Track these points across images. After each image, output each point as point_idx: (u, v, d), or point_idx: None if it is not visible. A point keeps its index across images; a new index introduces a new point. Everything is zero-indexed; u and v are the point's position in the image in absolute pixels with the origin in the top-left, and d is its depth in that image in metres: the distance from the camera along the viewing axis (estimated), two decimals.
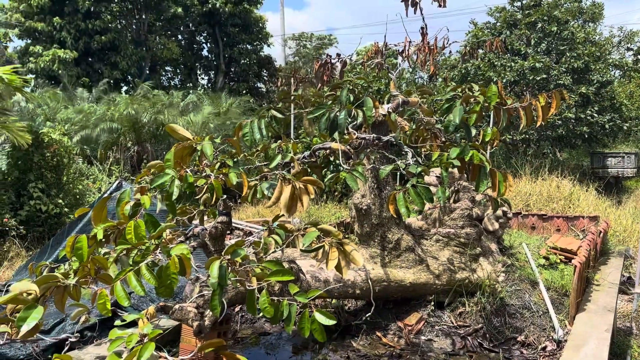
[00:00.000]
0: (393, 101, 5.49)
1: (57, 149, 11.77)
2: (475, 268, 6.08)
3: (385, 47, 5.51)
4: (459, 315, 5.91)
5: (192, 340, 4.41)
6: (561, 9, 21.97)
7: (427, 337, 5.71)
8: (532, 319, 5.75)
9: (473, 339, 5.58)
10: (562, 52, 20.93)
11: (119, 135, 16.64)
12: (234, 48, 30.11)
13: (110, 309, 3.13)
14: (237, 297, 4.58)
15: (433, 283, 5.87)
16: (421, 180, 4.12)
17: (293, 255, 5.46)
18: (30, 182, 11.43)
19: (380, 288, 5.65)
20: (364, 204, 5.67)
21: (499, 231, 6.74)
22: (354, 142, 5.27)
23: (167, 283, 3.23)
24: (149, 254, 3.40)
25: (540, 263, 6.75)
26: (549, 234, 8.61)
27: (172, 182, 3.84)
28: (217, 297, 3.33)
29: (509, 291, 6.03)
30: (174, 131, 4.24)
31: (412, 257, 5.83)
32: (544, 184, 15.28)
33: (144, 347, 2.86)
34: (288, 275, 3.40)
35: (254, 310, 3.35)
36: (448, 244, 6.05)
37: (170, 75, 32.18)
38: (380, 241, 5.78)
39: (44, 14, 21.95)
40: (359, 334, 5.73)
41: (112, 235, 3.92)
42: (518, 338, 5.53)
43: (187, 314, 4.04)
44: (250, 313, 3.55)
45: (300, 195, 4.04)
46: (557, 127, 21.07)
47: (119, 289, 3.12)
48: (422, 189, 4.04)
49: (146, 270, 3.23)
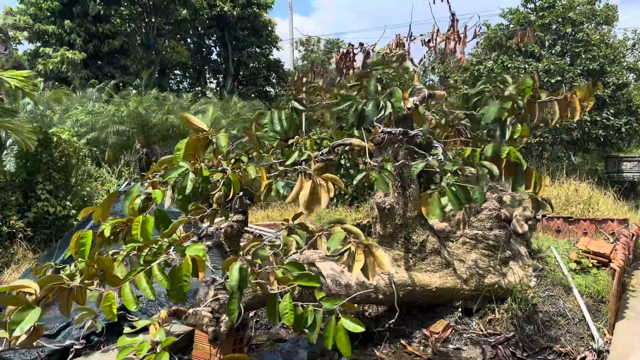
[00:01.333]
0: (418, 94, 5.16)
1: (65, 148, 11.54)
2: (506, 272, 5.72)
3: (410, 37, 5.19)
4: (488, 323, 5.54)
5: (206, 347, 4.09)
6: (575, 11, 21.59)
7: (455, 345, 5.34)
8: (567, 326, 5.37)
9: (505, 348, 5.21)
10: (577, 53, 20.50)
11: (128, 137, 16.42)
12: (242, 51, 29.95)
13: (116, 314, 2.81)
14: (254, 301, 4.25)
15: (460, 288, 5.51)
16: (458, 179, 3.77)
17: (312, 257, 5.13)
18: (38, 183, 11.22)
19: (404, 293, 5.30)
20: (387, 204, 5.33)
21: (528, 233, 6.38)
22: (377, 137, 4.95)
23: (179, 285, 2.92)
24: (162, 253, 3.09)
25: (571, 267, 6.36)
26: (576, 237, 8.22)
27: (186, 175, 3.53)
28: (235, 301, 3.01)
29: (541, 297, 5.65)
30: (189, 121, 3.95)
31: (438, 260, 5.48)
32: (562, 187, 14.90)
33: (157, 357, 2.54)
34: (314, 281, 3.08)
35: (275, 317, 3.02)
36: (476, 246, 5.70)
37: (179, 78, 32.07)
38: (404, 243, 5.44)
39: (54, 17, 21.88)
40: (381, 342, 5.38)
41: (121, 233, 3.62)
42: (554, 347, 5.15)
43: (202, 319, 3.71)
44: (271, 320, 3.22)
45: (320, 192, 3.71)
46: (572, 130, 20.68)
47: (127, 292, 2.81)
48: (460, 189, 3.69)
49: (159, 271, 2.91)
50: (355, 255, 3.54)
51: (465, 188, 3.74)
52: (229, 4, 27.40)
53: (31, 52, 22.30)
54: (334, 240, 3.52)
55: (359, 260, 3.52)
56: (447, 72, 23.11)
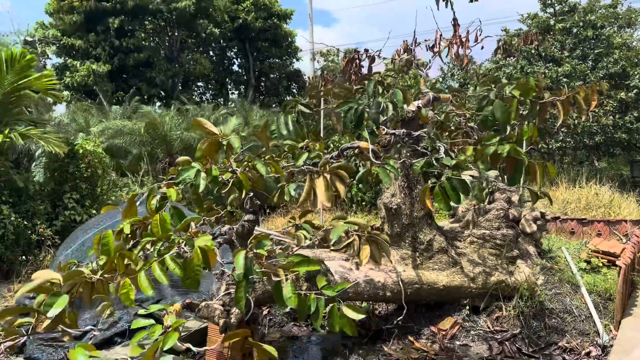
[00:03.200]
0: (423, 98, 5.36)
1: (91, 160, 12.00)
2: (513, 271, 5.83)
3: (415, 43, 5.39)
4: (495, 320, 5.65)
5: (218, 341, 4.32)
6: (596, 13, 21.45)
7: (462, 342, 5.47)
8: (574, 323, 5.45)
9: (511, 344, 5.32)
10: (599, 57, 20.33)
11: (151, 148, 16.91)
12: (264, 62, 30.47)
13: (133, 300, 3.06)
14: (264, 296, 4.48)
15: (468, 286, 5.65)
16: (456, 173, 3.94)
17: (321, 256, 5.34)
18: (66, 193, 11.65)
19: (411, 291, 5.46)
20: (393, 203, 5.52)
21: (537, 233, 6.46)
22: (383, 139, 5.15)
23: (192, 275, 3.16)
24: (174, 246, 3.34)
25: (581, 267, 6.42)
26: (590, 238, 8.23)
27: (198, 174, 3.79)
28: (242, 290, 3.24)
29: (548, 295, 5.74)
30: (201, 125, 4.21)
31: (445, 258, 5.63)
32: (582, 191, 14.77)
33: (166, 336, 2.78)
34: (315, 264, 3.29)
35: (282, 302, 3.23)
36: (483, 245, 5.83)
37: (202, 90, 32.73)
38: (412, 242, 5.61)
39: (80, 31, 22.66)
40: (390, 339, 5.54)
41: (139, 230, 3.89)
42: (559, 343, 5.24)
43: (214, 311, 3.96)
44: (278, 305, 3.44)
45: (335, 183, 3.92)
46: (594, 134, 20.46)
47: (143, 278, 3.06)
48: (458, 182, 3.86)
49: (170, 260, 3.16)
50: (361, 247, 3.74)
51: (464, 181, 3.91)
52: (251, 15, 28.00)
53: (59, 65, 23.13)
54: (336, 232, 3.72)
55: (364, 251, 3.72)
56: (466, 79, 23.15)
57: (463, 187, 3.82)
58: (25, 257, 10.67)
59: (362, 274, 5.26)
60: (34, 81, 10.68)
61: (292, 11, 30.27)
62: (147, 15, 24.73)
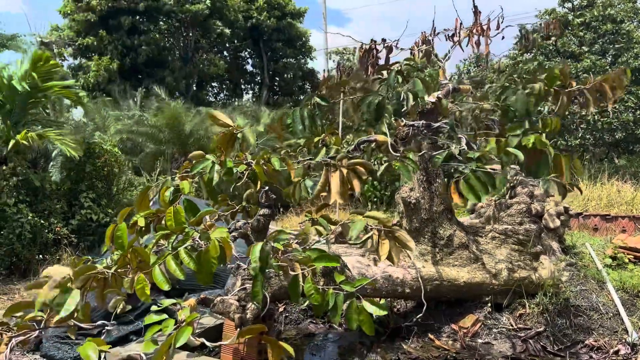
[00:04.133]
0: (443, 89, 5.21)
1: (107, 159, 12.02)
2: (536, 267, 5.65)
3: (434, 33, 5.25)
4: (518, 317, 5.48)
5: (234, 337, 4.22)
6: (615, 8, 21.05)
7: (484, 340, 5.31)
8: (600, 321, 5.26)
9: (535, 342, 5.14)
10: (619, 52, 19.93)
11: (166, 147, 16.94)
12: (278, 62, 30.41)
13: (149, 294, 2.98)
14: (281, 291, 4.37)
15: (490, 283, 5.48)
16: (481, 164, 3.79)
17: (338, 251, 5.22)
18: (82, 192, 11.67)
19: (431, 287, 5.31)
20: (412, 198, 5.37)
21: (560, 229, 6.28)
22: (401, 132, 5.01)
23: (207, 268, 3.07)
24: (188, 239, 3.25)
25: (606, 263, 6.23)
26: (613, 235, 8.00)
27: (212, 167, 3.71)
28: (258, 284, 3.14)
29: (573, 291, 5.55)
30: (215, 117, 4.13)
31: (466, 254, 5.48)
32: (604, 188, 14.46)
33: (180, 330, 2.69)
34: (334, 260, 3.17)
35: (297, 297, 3.13)
36: (505, 241, 5.66)
37: (216, 90, 32.79)
38: (431, 237, 5.46)
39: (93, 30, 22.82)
40: (409, 337, 5.40)
41: (152, 223, 3.82)
42: (586, 341, 5.06)
43: (229, 306, 3.85)
44: (293, 301, 3.33)
45: (351, 178, 3.80)
46: (614, 131, 20.07)
47: (158, 273, 2.98)
48: (484, 174, 3.71)
49: (185, 254, 3.07)
50: (380, 244, 3.60)
51: (490, 174, 3.76)
52: (264, 14, 27.97)
53: (75, 66, 23.34)
54: (355, 228, 3.59)
55: (383, 248, 3.58)
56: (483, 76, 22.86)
57: (489, 179, 3.67)
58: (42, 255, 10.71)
59: (380, 269, 5.13)
60: (56, 90, 10.85)
61: (305, 9, 30.21)
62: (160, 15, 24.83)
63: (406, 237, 3.57)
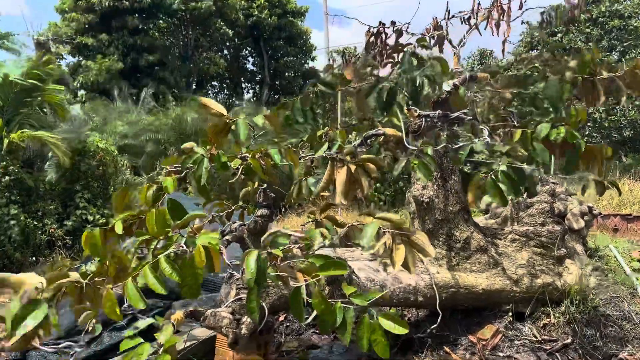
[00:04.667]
0: (459, 77, 4.73)
1: (102, 157, 11.60)
2: (561, 272, 5.16)
3: (448, 16, 4.77)
4: (542, 328, 4.99)
5: (228, 353, 3.76)
6: (623, 4, 20.59)
7: (505, 353, 4.83)
8: (634, 332, 4.78)
9: (562, 356, 4.66)
10: (627, 49, 19.45)
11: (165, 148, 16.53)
12: (279, 61, 30.00)
13: (120, 314, 2.50)
14: (280, 302, 3.90)
15: (510, 290, 5.00)
16: (510, 160, 3.31)
17: (344, 256, 4.74)
18: (77, 192, 11.29)
19: (447, 295, 4.83)
20: (425, 197, 4.90)
21: (584, 230, 5.79)
22: (413, 124, 4.54)
23: (190, 280, 2.60)
24: (172, 245, 2.77)
25: (634, 267, 5.75)
26: (636, 236, 7.52)
27: (201, 162, 3.23)
28: (254, 298, 2.65)
29: (602, 299, 5.07)
30: (207, 106, 3.66)
31: (485, 259, 5.00)
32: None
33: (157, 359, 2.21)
34: (342, 268, 2.69)
35: (301, 314, 2.65)
36: (526, 244, 5.18)
37: (217, 89, 32.39)
38: (446, 240, 4.98)
39: (93, 31, 22.45)
40: (422, 349, 4.92)
41: (133, 226, 3.35)
42: (620, 355, 4.57)
43: (221, 320, 3.39)
44: (295, 317, 2.86)
45: (359, 176, 3.33)
46: (622, 129, 19.60)
47: (131, 288, 2.50)
48: (515, 171, 3.22)
49: (167, 264, 2.59)
50: (394, 250, 3.10)
51: (521, 170, 3.28)
52: (265, 12, 27.56)
53: (73, 65, 22.95)
54: (367, 234, 3.08)
55: (398, 255, 3.08)
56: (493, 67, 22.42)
57: (521, 177, 3.19)
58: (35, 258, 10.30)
59: (389, 275, 4.65)
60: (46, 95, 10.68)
61: (306, 8, 29.84)
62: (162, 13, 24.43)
63: (424, 242, 3.08)
